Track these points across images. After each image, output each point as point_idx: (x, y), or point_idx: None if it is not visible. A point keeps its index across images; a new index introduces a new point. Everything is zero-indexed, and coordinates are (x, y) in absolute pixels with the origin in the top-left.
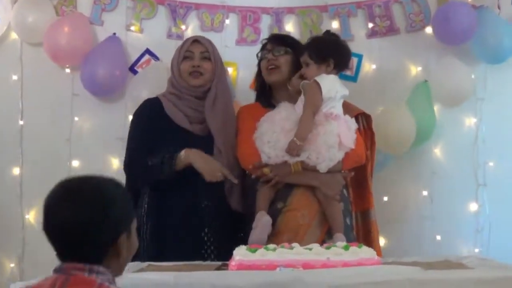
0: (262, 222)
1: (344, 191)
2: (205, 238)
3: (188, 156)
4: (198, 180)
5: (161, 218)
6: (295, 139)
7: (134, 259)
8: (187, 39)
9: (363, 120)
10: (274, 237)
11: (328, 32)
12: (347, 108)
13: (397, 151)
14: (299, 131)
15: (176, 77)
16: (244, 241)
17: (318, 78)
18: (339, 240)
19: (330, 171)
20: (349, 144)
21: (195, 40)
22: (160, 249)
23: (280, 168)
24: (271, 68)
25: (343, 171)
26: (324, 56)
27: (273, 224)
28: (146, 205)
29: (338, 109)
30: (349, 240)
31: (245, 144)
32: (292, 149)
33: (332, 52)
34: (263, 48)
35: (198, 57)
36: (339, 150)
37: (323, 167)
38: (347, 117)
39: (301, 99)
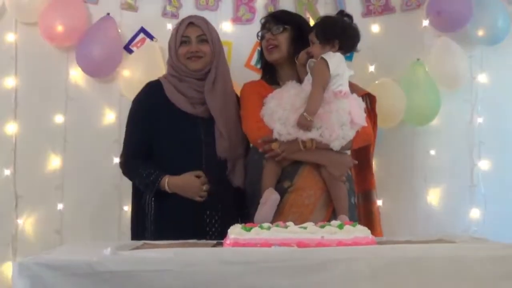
0: (271, 199)
1: (348, 171)
2: (207, 220)
3: (168, 187)
4: (200, 163)
5: (165, 202)
6: (305, 114)
7: (138, 238)
8: (182, 22)
9: (368, 101)
10: (279, 216)
11: (341, 12)
12: (352, 88)
13: (387, 125)
14: (309, 106)
15: (175, 61)
16: (249, 217)
17: (325, 56)
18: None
19: (340, 150)
20: (360, 121)
21: (191, 23)
22: (163, 231)
23: (290, 144)
24: (270, 47)
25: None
26: (329, 37)
27: (279, 204)
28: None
29: (346, 87)
30: (353, 220)
31: (252, 118)
32: (303, 124)
33: (338, 34)
34: (263, 26)
35: (195, 41)
36: (351, 128)
37: (336, 145)
38: (355, 95)
39: (307, 79)
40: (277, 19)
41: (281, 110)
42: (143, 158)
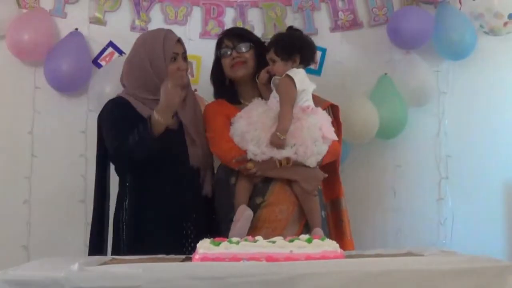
0: (244, 216)
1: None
2: (183, 232)
3: (156, 117)
4: (174, 174)
5: (142, 212)
6: (278, 133)
7: (113, 252)
8: (169, 37)
9: (330, 111)
10: (253, 232)
11: (291, 27)
12: (316, 100)
13: (360, 141)
14: (281, 124)
15: (161, 75)
16: (219, 233)
17: (290, 73)
18: (318, 234)
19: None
20: (331, 136)
21: (178, 40)
22: (140, 242)
23: (265, 163)
24: (237, 63)
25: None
26: (290, 52)
27: (252, 219)
28: (126, 203)
29: (311, 102)
30: (325, 233)
31: (221, 139)
32: (276, 143)
33: (297, 48)
34: (220, 44)
35: (181, 58)
36: (323, 143)
37: (312, 162)
38: (319, 109)
39: (273, 96)
40: (241, 37)
41: (252, 130)
42: None
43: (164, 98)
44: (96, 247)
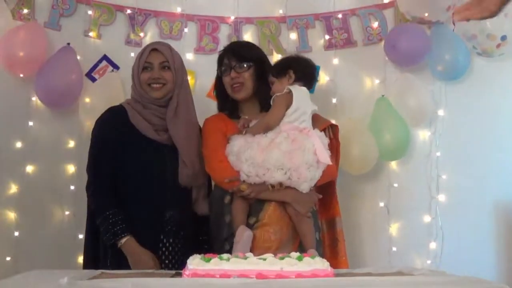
0: (244, 237)
1: (313, 206)
2: (170, 249)
3: (125, 249)
4: (164, 191)
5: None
6: (245, 132)
7: (96, 266)
8: (146, 47)
9: (330, 131)
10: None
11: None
12: (316, 119)
13: (360, 172)
14: (253, 129)
15: (137, 86)
16: (208, 245)
17: (291, 87)
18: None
19: None
20: (326, 161)
21: (154, 49)
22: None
23: (258, 185)
24: (236, 86)
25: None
26: (282, 68)
27: None
28: None
29: (309, 124)
30: (319, 254)
31: (215, 158)
32: (242, 126)
33: (289, 63)
34: (221, 61)
35: (157, 67)
36: (317, 168)
37: (305, 188)
38: (317, 131)
39: None
40: (240, 56)
41: (248, 150)
42: (112, 187)
43: (135, 261)
44: (92, 258)
